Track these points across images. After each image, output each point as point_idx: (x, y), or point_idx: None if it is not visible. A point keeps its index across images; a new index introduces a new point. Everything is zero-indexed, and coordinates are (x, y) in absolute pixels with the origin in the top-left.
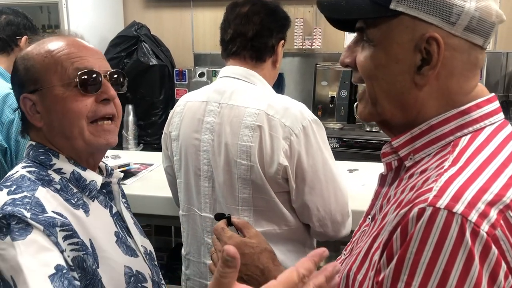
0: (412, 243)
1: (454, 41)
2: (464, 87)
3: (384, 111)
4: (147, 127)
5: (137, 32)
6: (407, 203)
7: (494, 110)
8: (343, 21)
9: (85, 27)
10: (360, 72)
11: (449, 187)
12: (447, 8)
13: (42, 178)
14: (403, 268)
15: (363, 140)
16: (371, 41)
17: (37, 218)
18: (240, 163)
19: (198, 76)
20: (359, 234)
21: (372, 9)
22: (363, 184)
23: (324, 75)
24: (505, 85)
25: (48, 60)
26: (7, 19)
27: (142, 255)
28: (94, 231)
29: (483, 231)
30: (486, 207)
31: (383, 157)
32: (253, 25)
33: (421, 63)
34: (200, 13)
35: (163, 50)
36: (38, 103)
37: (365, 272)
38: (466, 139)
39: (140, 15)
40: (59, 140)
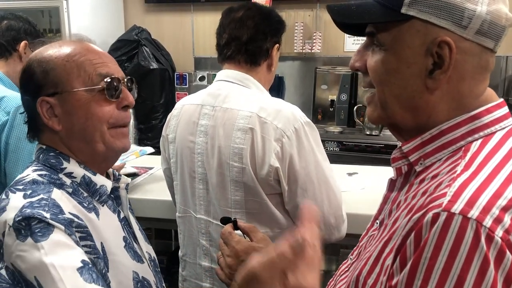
0: (427, 248)
1: (466, 45)
2: (474, 91)
3: (394, 115)
4: (148, 130)
5: (137, 36)
6: (420, 208)
7: (504, 115)
8: (353, 25)
9: (86, 31)
10: (371, 77)
11: (463, 192)
12: (458, 12)
13: (54, 182)
14: (417, 273)
15: (363, 144)
16: (382, 45)
17: (57, 218)
18: (232, 165)
19: (199, 79)
20: (367, 239)
21: (383, 13)
22: (363, 187)
23: (324, 79)
24: (505, 89)
25: (70, 64)
26: (7, 24)
27: (147, 261)
28: (105, 234)
29: (497, 236)
30: (501, 212)
31: (393, 162)
32: (247, 29)
33: (432, 67)
34: (201, 17)
35: (163, 54)
36: (56, 106)
37: (376, 277)
38: (477, 144)
39: (141, 19)
40: (77, 144)
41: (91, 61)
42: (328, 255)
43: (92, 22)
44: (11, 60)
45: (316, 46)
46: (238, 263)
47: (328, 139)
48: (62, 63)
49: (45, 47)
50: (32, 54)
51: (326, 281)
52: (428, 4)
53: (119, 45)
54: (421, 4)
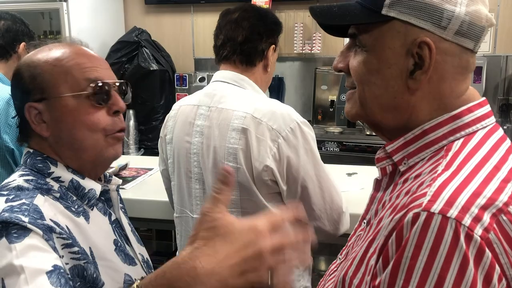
0: (408, 248)
1: (445, 45)
2: (455, 90)
3: (373, 114)
4: (148, 131)
5: (137, 37)
6: (402, 207)
7: (485, 114)
8: (335, 27)
9: (86, 32)
10: (353, 77)
11: (443, 192)
12: (438, 13)
13: (40, 187)
14: (399, 273)
15: (363, 144)
16: (363, 46)
17: (35, 222)
18: (227, 165)
19: (199, 81)
20: (354, 239)
21: (364, 15)
22: (362, 187)
23: (324, 79)
24: (505, 88)
25: (58, 69)
26: (6, 26)
27: (140, 263)
28: (94, 238)
29: (476, 234)
30: (480, 211)
31: (377, 162)
32: (242, 30)
33: (413, 68)
34: (201, 18)
35: (163, 55)
36: (44, 112)
37: (361, 277)
38: (458, 143)
39: (141, 20)
40: (65, 151)
41: (79, 65)
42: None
43: (92, 23)
44: (11, 62)
45: (315, 47)
46: None
47: (328, 139)
48: (49, 68)
49: (36, 51)
50: (23, 58)
51: None
52: (408, 5)
53: (119, 46)
54: (401, 5)
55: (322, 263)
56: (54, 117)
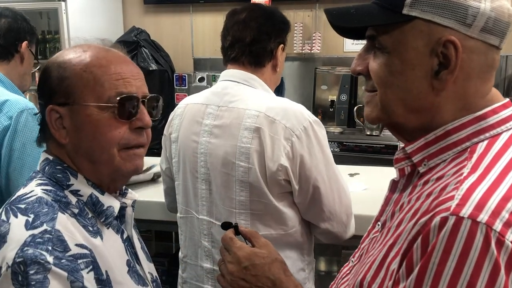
0: (435, 253)
1: (471, 43)
2: (480, 90)
3: (396, 117)
4: None
5: (136, 37)
6: (426, 211)
7: (510, 116)
8: (352, 29)
9: (85, 32)
10: (374, 80)
11: (472, 195)
12: (462, 10)
13: (59, 200)
14: (425, 279)
15: (364, 144)
16: (384, 48)
17: (60, 263)
18: (238, 164)
19: (198, 81)
20: (369, 241)
21: (384, 15)
22: (365, 188)
23: (324, 79)
24: (505, 88)
25: (87, 75)
26: (7, 24)
27: (150, 284)
28: (110, 260)
29: (508, 240)
30: (510, 216)
31: (395, 163)
32: (250, 30)
33: (438, 68)
34: (200, 18)
35: (162, 55)
36: (66, 118)
37: (380, 282)
38: (483, 145)
39: (140, 20)
40: (82, 161)
41: (110, 76)
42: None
43: (91, 23)
44: (13, 62)
45: (315, 47)
46: (240, 269)
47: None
48: (79, 73)
49: (69, 49)
50: (55, 55)
51: (327, 282)
52: (431, 4)
53: None
54: (423, 4)
55: (321, 263)
56: (75, 124)
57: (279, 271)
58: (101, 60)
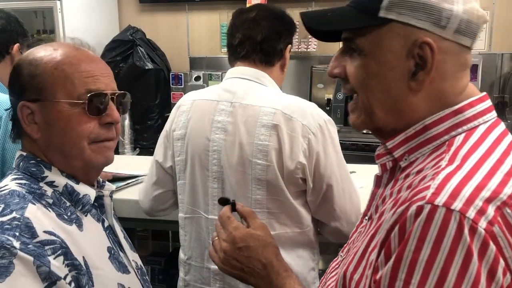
0: (411, 241)
1: (446, 45)
2: (456, 88)
3: (378, 120)
4: (143, 131)
5: (132, 36)
6: (404, 201)
7: (486, 109)
8: (328, 32)
9: (80, 31)
10: (352, 83)
11: (447, 185)
12: (437, 12)
13: (33, 191)
14: (401, 266)
15: (360, 143)
16: (361, 50)
17: (26, 248)
18: (255, 162)
19: (194, 79)
20: (356, 235)
21: (361, 18)
22: (361, 186)
23: (320, 78)
24: (501, 86)
25: (58, 73)
26: (0, 26)
27: (134, 270)
28: (88, 247)
29: (481, 227)
30: (484, 204)
31: (377, 158)
32: (262, 29)
33: (415, 69)
34: (196, 17)
35: (158, 54)
36: (37, 113)
37: (362, 271)
38: (460, 138)
39: (135, 19)
40: (54, 155)
41: (80, 74)
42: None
43: (86, 22)
44: (3, 63)
45: (311, 45)
46: (234, 249)
47: None
48: (50, 70)
49: (39, 47)
50: (25, 53)
51: None
52: (406, 6)
53: (113, 45)
54: (399, 7)
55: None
56: (46, 120)
57: (271, 255)
58: (71, 59)
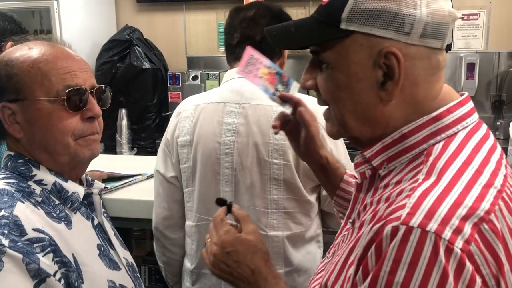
0: (386, 262)
1: (412, 50)
2: (429, 93)
3: (352, 130)
4: (141, 131)
5: (129, 36)
6: (380, 218)
7: (466, 113)
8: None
9: (77, 31)
10: (323, 96)
11: (422, 204)
12: (399, 20)
13: (22, 190)
14: (377, 287)
15: None
16: (328, 63)
17: (15, 246)
18: (272, 162)
19: (192, 79)
20: (341, 238)
21: (323, 31)
22: None
23: None
24: (498, 85)
25: (35, 71)
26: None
27: (125, 267)
28: (77, 245)
29: (457, 247)
30: (460, 223)
31: (355, 167)
32: (261, 28)
33: (383, 79)
34: (193, 16)
35: (156, 54)
36: (18, 113)
37: (341, 284)
38: (439, 146)
39: (133, 19)
40: (40, 153)
41: (57, 70)
42: None
43: (84, 22)
44: None
45: None
46: (223, 253)
47: None
48: (26, 69)
49: (15, 48)
50: (1, 54)
51: None
52: (367, 16)
53: (111, 45)
54: (360, 17)
55: None
56: (27, 119)
57: (260, 261)
58: (47, 56)
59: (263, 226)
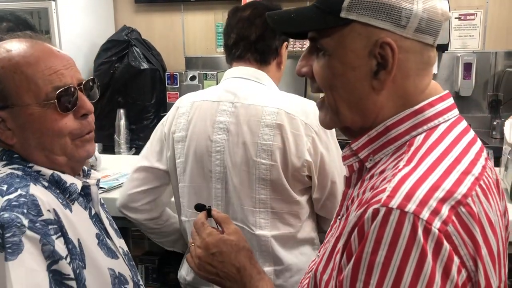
0: (368, 243)
1: (407, 43)
2: (419, 86)
3: (345, 119)
4: (139, 131)
5: (127, 36)
6: (363, 203)
7: (447, 108)
8: (295, 32)
9: (76, 32)
10: (318, 82)
11: (402, 187)
12: (396, 12)
13: (29, 174)
14: (361, 268)
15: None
16: (325, 50)
17: (34, 226)
18: (260, 162)
19: (190, 79)
20: (329, 236)
21: (323, 19)
22: None
23: None
24: (494, 84)
25: (19, 76)
26: (6, 28)
27: (122, 256)
28: (80, 231)
29: (435, 228)
30: (438, 204)
31: (343, 160)
32: (256, 28)
33: (377, 68)
34: (191, 17)
35: (154, 54)
36: (8, 120)
37: (330, 272)
38: (420, 138)
39: (131, 19)
40: (35, 156)
41: (42, 72)
42: None
43: (82, 23)
44: None
45: (306, 44)
46: (208, 255)
47: None
48: (9, 75)
49: None
50: None
51: None
52: (366, 7)
53: (109, 45)
54: (359, 7)
55: None
56: (19, 125)
57: (244, 259)
58: (28, 58)
59: (250, 225)
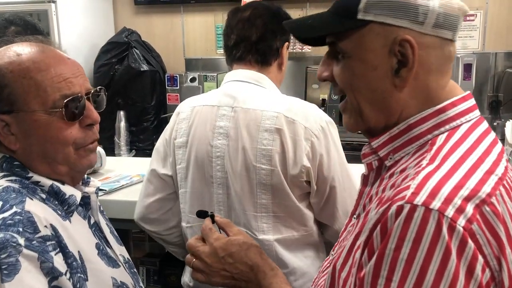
0: (391, 239)
1: (426, 39)
2: (440, 82)
3: (368, 119)
4: (139, 132)
5: (127, 38)
6: (386, 200)
7: (469, 108)
8: (313, 37)
9: (76, 34)
10: (340, 85)
11: (426, 184)
12: (413, 9)
13: (26, 186)
14: (383, 264)
15: (355, 142)
16: (345, 53)
17: (31, 245)
18: (260, 167)
19: (190, 81)
20: (345, 234)
21: (341, 23)
22: None
23: (315, 78)
24: (494, 85)
25: (27, 82)
26: (15, 32)
27: (123, 264)
28: (81, 242)
29: (459, 226)
30: (463, 202)
31: (363, 158)
32: (256, 28)
33: (398, 66)
34: (191, 18)
35: (154, 56)
36: (13, 125)
37: (348, 269)
38: (443, 137)
39: (131, 21)
40: (37, 163)
41: (51, 79)
42: None
43: (82, 24)
44: None
45: (306, 46)
46: (218, 260)
47: None
48: (18, 80)
49: (1, 53)
50: None
51: None
52: (383, 7)
53: (109, 47)
54: (376, 8)
55: None
56: (23, 130)
57: (255, 256)
58: (38, 64)
59: (253, 230)
